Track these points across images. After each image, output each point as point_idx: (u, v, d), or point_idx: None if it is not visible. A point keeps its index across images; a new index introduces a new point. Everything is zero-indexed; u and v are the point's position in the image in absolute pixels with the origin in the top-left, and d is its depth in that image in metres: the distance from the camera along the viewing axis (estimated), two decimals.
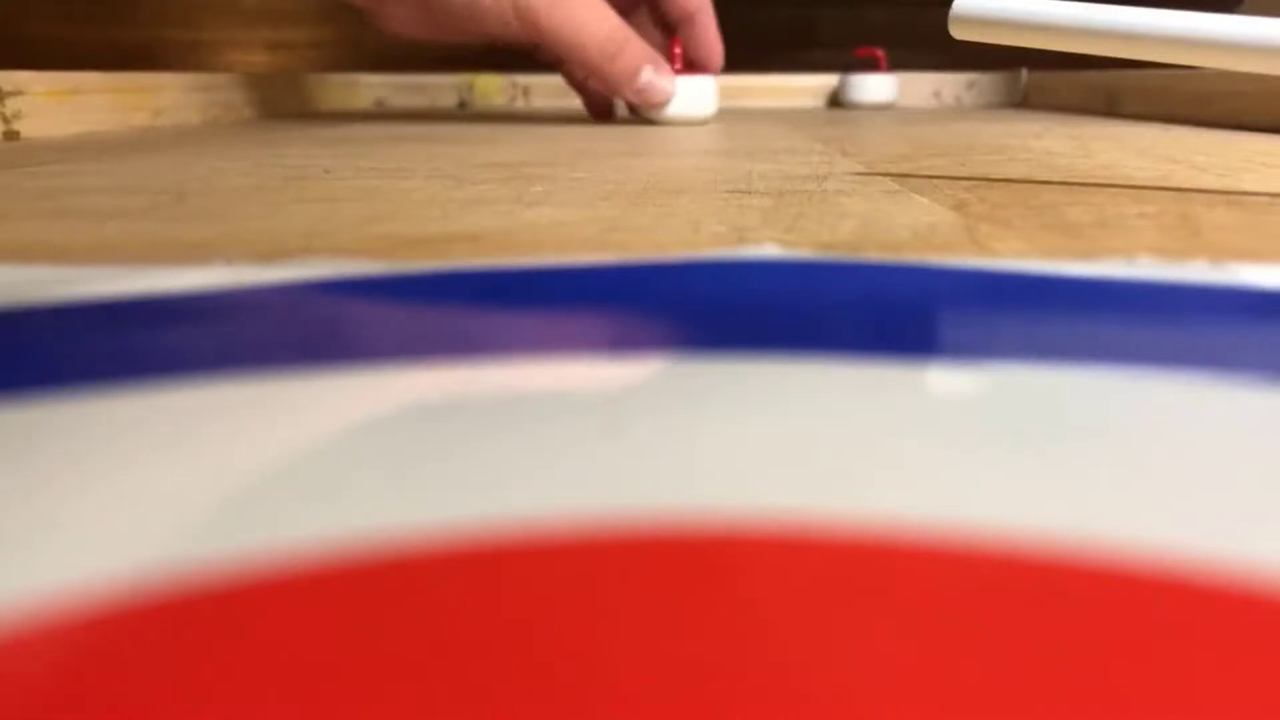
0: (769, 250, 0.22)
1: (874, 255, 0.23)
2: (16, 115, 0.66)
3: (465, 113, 1.12)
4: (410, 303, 0.19)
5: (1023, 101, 1.25)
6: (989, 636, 0.07)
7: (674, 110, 0.76)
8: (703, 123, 0.79)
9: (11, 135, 0.66)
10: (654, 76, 0.74)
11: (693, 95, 0.78)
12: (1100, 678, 0.07)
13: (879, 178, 0.40)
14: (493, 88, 1.30)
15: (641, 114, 0.78)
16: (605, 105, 0.88)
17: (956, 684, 0.07)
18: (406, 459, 0.11)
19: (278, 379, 0.14)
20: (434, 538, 0.09)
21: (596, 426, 0.12)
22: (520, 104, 1.29)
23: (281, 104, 1.06)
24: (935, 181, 0.38)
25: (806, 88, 1.30)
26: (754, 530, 0.09)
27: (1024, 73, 1.26)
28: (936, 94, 1.30)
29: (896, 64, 1.24)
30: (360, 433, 0.12)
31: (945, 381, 0.15)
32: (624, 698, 0.06)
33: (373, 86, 1.29)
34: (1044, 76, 1.21)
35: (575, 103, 0.94)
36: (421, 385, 0.14)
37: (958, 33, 0.36)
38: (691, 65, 0.81)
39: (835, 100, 1.27)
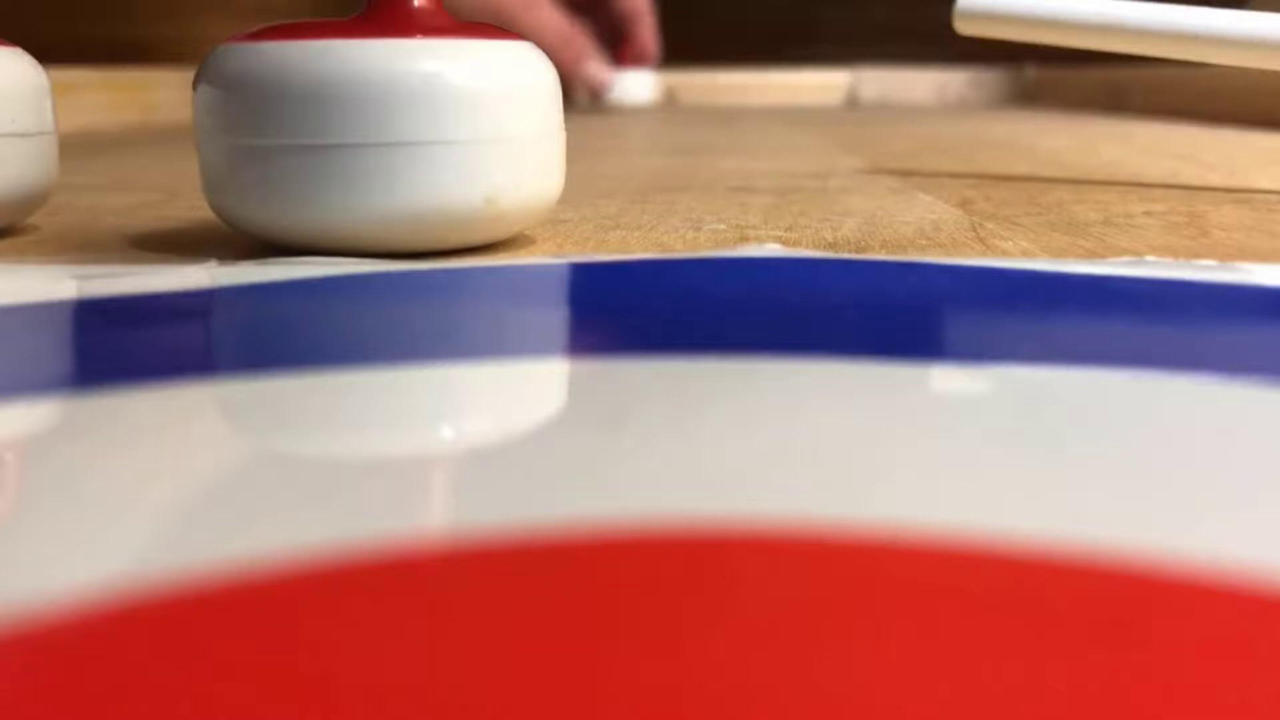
0: (771, 249, 0.22)
1: (877, 253, 0.22)
2: None
3: None
4: (405, 301, 0.19)
5: (1028, 98, 1.25)
6: (990, 637, 0.07)
7: (620, 97, 1.03)
8: (642, 107, 1.07)
9: None
10: (597, 69, 0.99)
11: (634, 85, 1.07)
12: (1101, 676, 0.07)
13: (882, 175, 0.40)
14: None
15: (592, 100, 1.02)
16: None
17: (958, 684, 0.06)
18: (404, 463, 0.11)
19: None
20: (425, 539, 0.09)
21: (596, 427, 0.12)
22: None
23: None
24: (940, 179, 0.38)
25: (813, 85, 1.30)
26: (757, 532, 0.09)
27: (1029, 69, 1.26)
28: (940, 91, 1.30)
29: (900, 60, 1.24)
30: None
31: (950, 382, 0.14)
32: (625, 699, 0.06)
33: None
34: (1049, 73, 1.21)
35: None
36: (405, 385, 0.14)
37: (963, 28, 0.35)
38: (633, 61, 1.07)
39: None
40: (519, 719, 0.06)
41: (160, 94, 0.83)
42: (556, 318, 0.19)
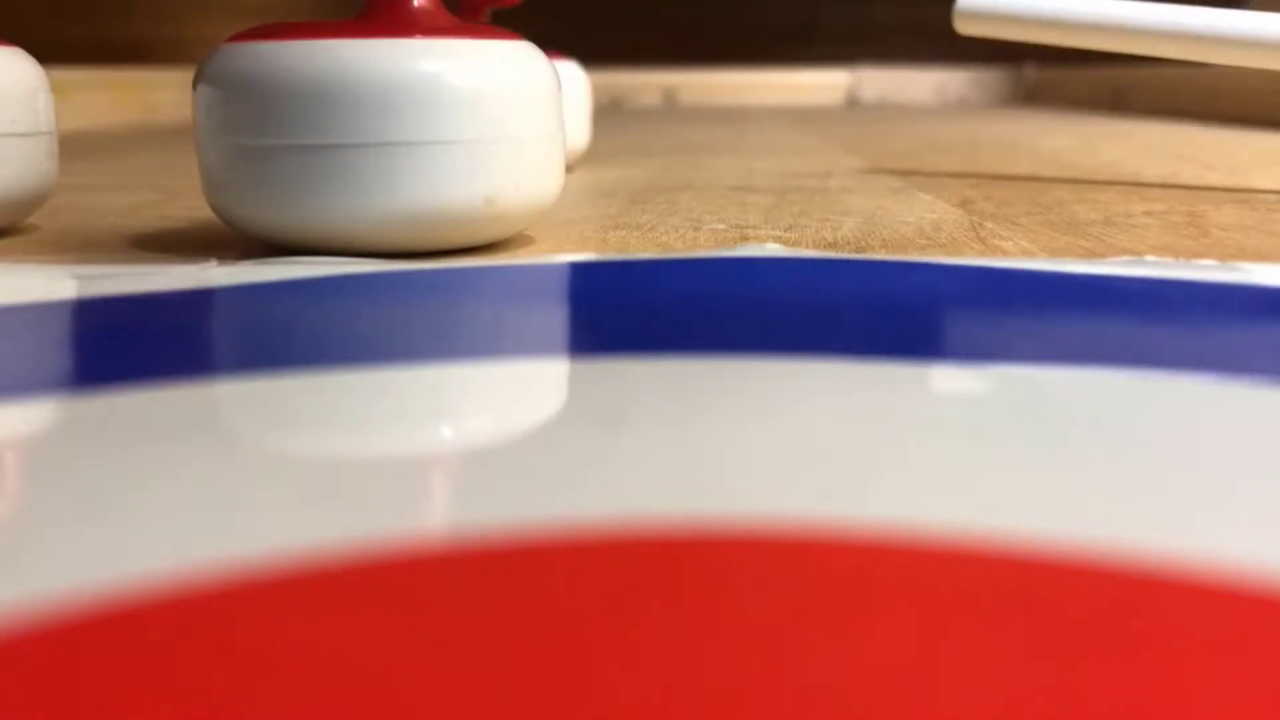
0: (771, 249, 0.22)
1: (877, 253, 0.22)
2: None
3: None
4: (405, 301, 0.19)
5: (1028, 98, 1.25)
6: (990, 636, 0.07)
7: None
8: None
9: None
10: None
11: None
12: (1100, 675, 0.07)
13: (882, 175, 0.40)
14: None
15: None
16: None
17: (958, 682, 0.06)
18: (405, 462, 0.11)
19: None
20: (425, 538, 0.09)
21: (595, 426, 0.12)
22: None
23: None
24: (940, 179, 0.38)
25: (813, 85, 1.30)
26: (756, 531, 0.09)
27: (1029, 69, 1.26)
28: (940, 91, 1.30)
29: (900, 60, 1.24)
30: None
31: (950, 382, 0.14)
32: (625, 696, 0.06)
33: None
34: (1049, 73, 1.21)
35: None
36: (408, 386, 0.14)
37: (963, 28, 0.35)
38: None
39: None
40: (519, 716, 0.06)
41: (160, 94, 0.83)
42: (556, 318, 0.19)
